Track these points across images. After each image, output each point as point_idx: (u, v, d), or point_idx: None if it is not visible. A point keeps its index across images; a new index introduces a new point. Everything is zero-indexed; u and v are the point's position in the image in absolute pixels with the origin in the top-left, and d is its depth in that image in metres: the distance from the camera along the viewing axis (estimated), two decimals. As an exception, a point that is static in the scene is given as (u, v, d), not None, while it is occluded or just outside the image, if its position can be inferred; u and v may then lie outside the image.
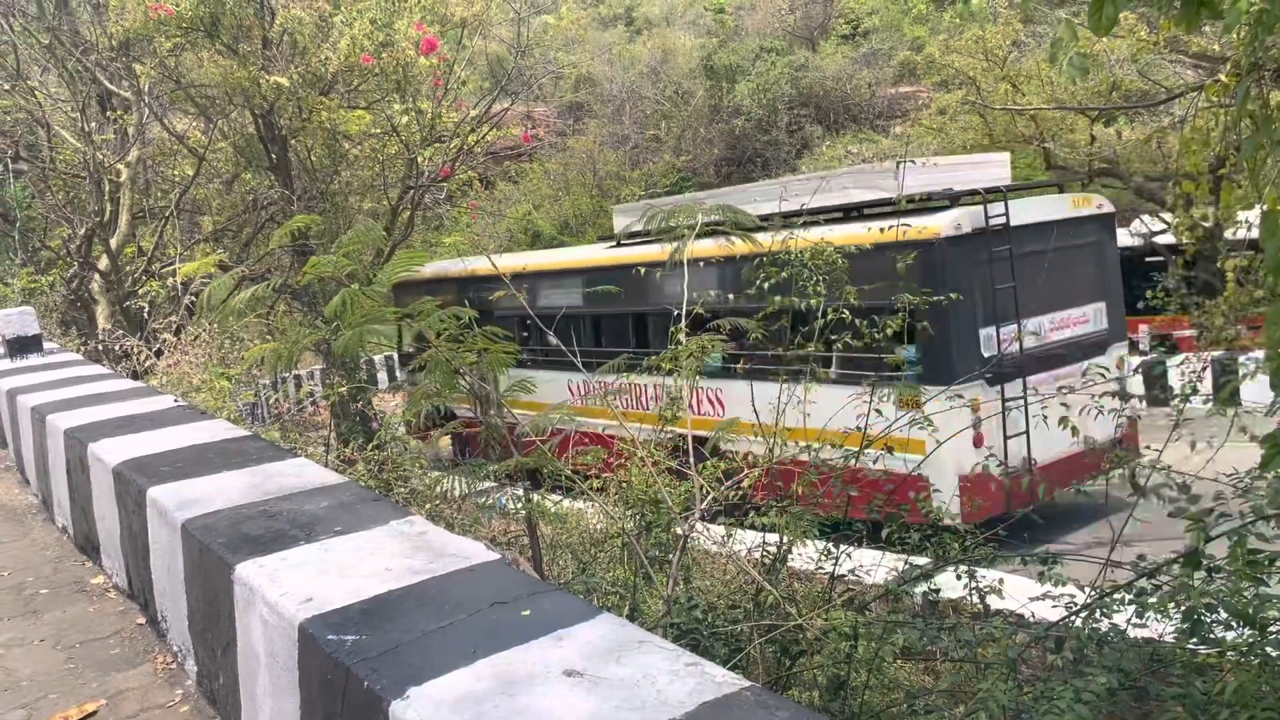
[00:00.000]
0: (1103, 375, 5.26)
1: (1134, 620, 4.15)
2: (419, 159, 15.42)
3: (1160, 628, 4.11)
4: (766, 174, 36.84)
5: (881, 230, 6.78)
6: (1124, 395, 5.90)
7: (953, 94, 25.64)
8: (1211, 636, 3.81)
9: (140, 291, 14.07)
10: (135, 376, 9.69)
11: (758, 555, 5.59)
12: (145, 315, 13.72)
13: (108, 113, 15.41)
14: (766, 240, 6.15)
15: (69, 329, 14.97)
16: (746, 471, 5.51)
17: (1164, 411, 4.92)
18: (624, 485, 5.86)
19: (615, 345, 12.16)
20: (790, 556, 5.56)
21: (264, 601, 2.70)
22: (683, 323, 5.82)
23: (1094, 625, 4.19)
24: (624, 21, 49.87)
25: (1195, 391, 5.02)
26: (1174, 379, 12.68)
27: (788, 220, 6.09)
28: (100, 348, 12.21)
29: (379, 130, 15.92)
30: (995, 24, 21.70)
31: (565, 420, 5.64)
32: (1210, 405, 4.78)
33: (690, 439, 5.80)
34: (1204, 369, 9.06)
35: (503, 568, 2.78)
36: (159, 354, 11.44)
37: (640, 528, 5.70)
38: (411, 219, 16.94)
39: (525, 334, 13.07)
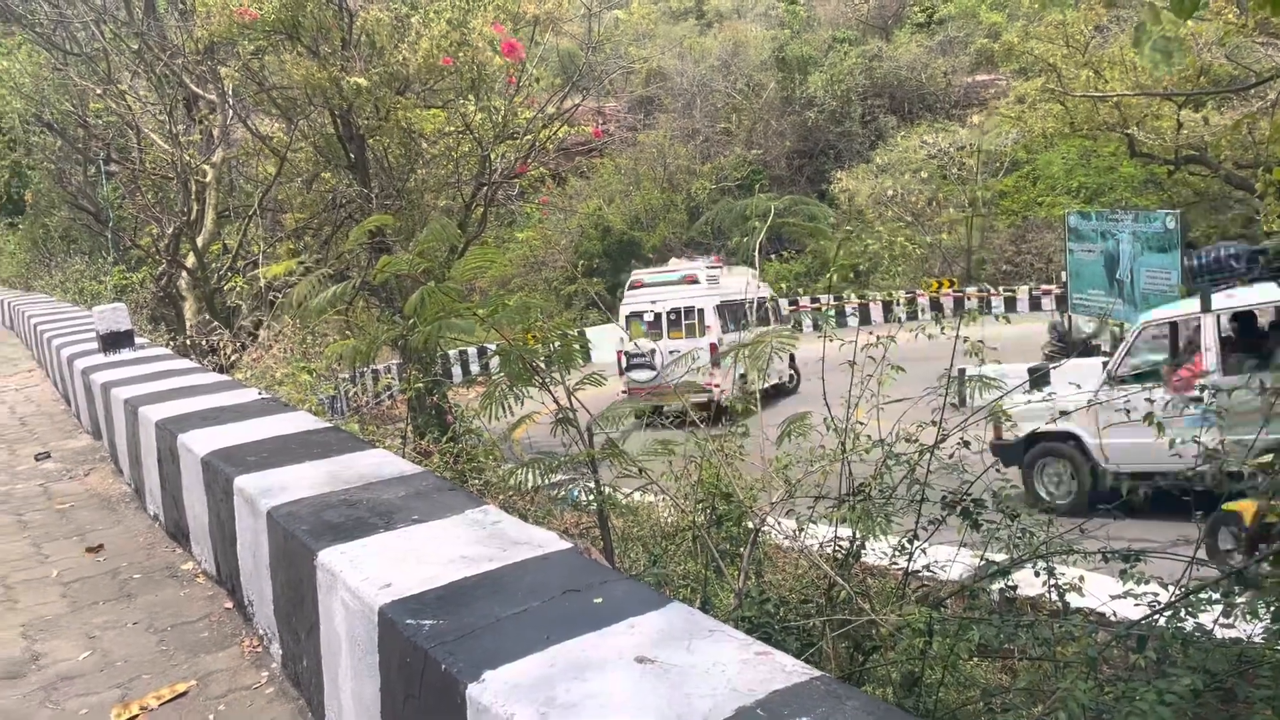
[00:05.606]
0: None
1: (1221, 620, 4.02)
2: (492, 156, 15.60)
3: (1249, 628, 3.98)
4: (839, 166, 36.38)
5: None
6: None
7: (1032, 81, 25.07)
8: (1303, 637, 3.69)
9: (226, 288, 14.48)
10: (221, 370, 9.99)
11: (830, 550, 5.54)
12: (231, 311, 14.11)
13: (194, 115, 15.88)
14: None
15: (158, 324, 15.48)
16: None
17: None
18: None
19: None
20: (863, 551, 5.50)
21: (345, 587, 2.77)
22: None
23: (1178, 624, 4.08)
24: (695, 15, 49.66)
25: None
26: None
27: None
28: (188, 343, 12.61)
29: (453, 129, 16.15)
30: (1077, 8, 21.08)
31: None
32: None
33: None
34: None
35: (575, 556, 2.81)
36: (243, 349, 11.77)
37: (711, 521, 5.70)
38: (485, 215, 17.15)
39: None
